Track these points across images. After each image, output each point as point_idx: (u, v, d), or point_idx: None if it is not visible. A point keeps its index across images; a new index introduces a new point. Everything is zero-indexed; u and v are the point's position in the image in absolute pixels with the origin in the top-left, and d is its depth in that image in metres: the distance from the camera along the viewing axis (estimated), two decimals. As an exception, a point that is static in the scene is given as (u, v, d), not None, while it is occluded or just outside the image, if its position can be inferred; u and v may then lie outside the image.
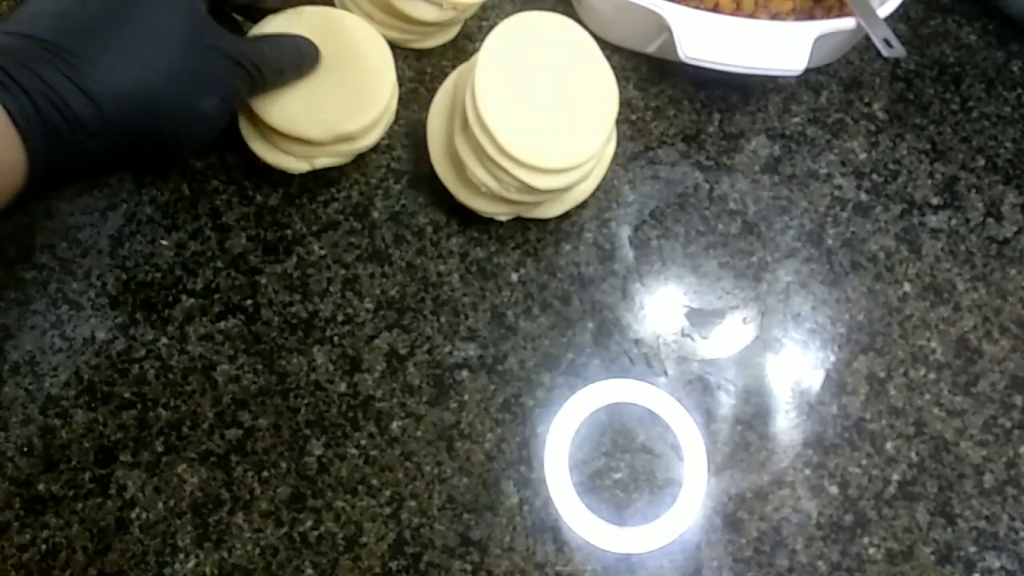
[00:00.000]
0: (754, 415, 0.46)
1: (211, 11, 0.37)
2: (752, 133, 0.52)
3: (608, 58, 0.44)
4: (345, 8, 0.49)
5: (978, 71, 0.55)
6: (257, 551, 0.42)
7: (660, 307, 0.48)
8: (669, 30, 0.46)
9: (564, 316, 0.47)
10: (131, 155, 0.35)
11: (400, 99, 0.47)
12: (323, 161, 0.45)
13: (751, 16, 0.51)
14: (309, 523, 0.42)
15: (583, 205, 0.48)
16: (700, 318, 0.48)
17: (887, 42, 0.46)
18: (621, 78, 0.52)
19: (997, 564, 0.44)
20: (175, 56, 0.34)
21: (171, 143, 0.37)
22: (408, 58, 0.52)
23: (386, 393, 0.45)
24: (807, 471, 0.45)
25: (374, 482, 0.43)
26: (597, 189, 0.47)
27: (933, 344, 0.48)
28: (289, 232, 0.47)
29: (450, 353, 0.46)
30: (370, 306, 0.46)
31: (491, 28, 0.42)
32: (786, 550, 0.43)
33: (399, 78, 0.46)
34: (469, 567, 0.42)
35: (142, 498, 0.43)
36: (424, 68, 0.52)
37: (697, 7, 0.48)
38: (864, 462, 0.45)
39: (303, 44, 0.42)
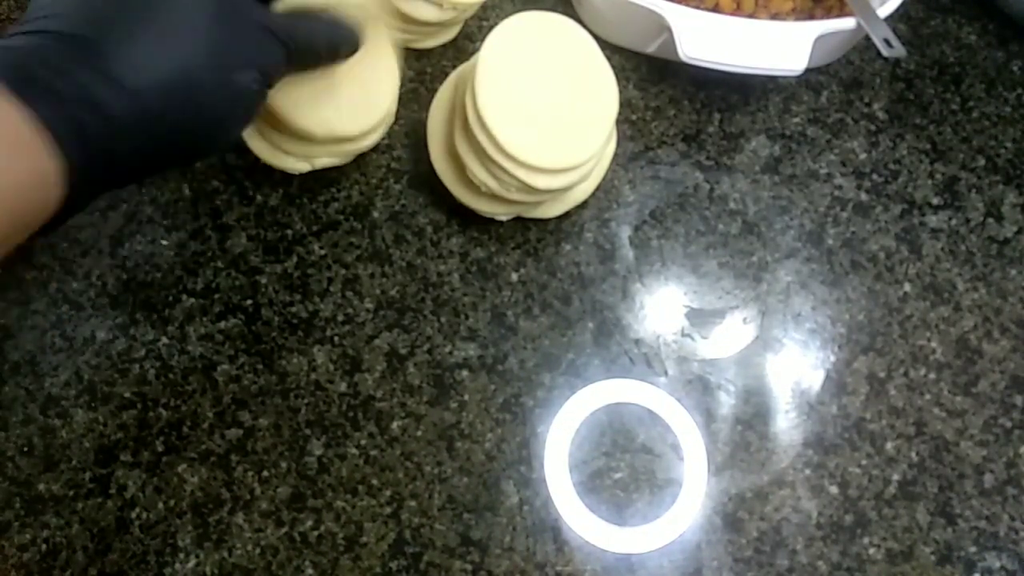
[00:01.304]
0: (754, 415, 0.46)
1: None
2: (752, 133, 0.52)
3: (608, 58, 0.43)
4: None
5: (978, 71, 0.55)
6: (257, 551, 0.42)
7: (660, 307, 0.48)
8: (669, 30, 0.46)
9: (564, 316, 0.47)
10: (171, 148, 0.32)
11: (400, 99, 0.47)
12: (323, 161, 0.45)
13: (751, 16, 0.50)
14: (309, 523, 0.42)
15: (583, 205, 0.48)
16: (700, 318, 0.48)
17: (887, 42, 0.46)
18: (621, 78, 0.52)
19: (997, 564, 0.44)
20: (207, 28, 0.31)
21: (211, 127, 0.33)
22: (408, 58, 0.51)
23: (386, 393, 0.45)
24: (807, 471, 0.45)
25: (374, 482, 0.43)
26: (597, 189, 0.47)
27: (933, 344, 0.48)
28: (289, 232, 0.47)
29: (450, 353, 0.46)
30: (370, 306, 0.46)
31: (491, 28, 0.42)
32: (786, 550, 0.43)
33: (399, 78, 0.46)
34: (469, 567, 0.42)
35: (142, 498, 0.43)
36: (424, 68, 0.52)
37: (697, 7, 0.48)
38: (864, 462, 0.45)
39: (340, 26, 0.39)
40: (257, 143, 0.45)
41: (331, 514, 0.43)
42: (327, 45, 0.38)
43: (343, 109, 0.43)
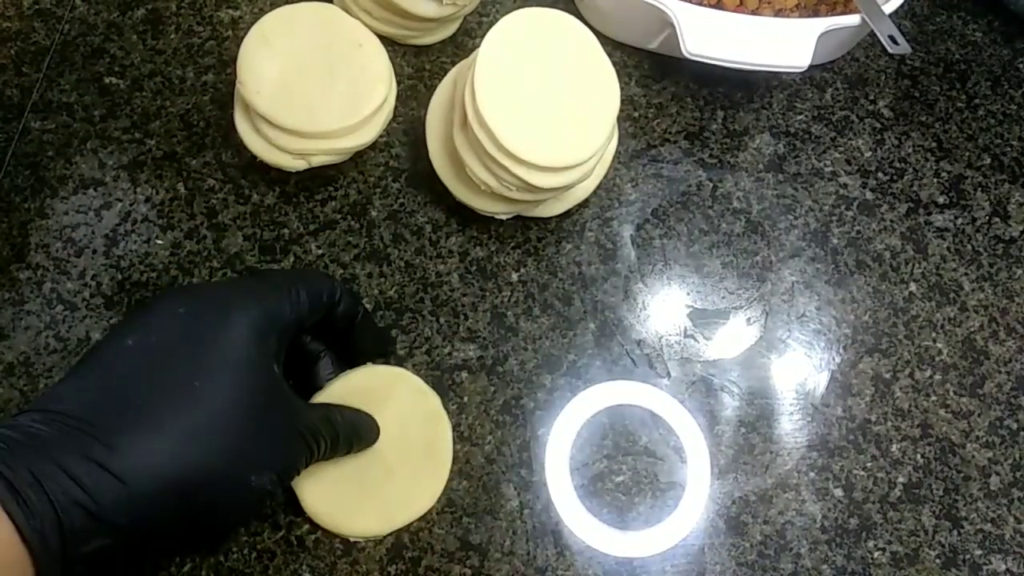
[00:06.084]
0: (758, 417, 0.45)
1: (289, 354, 0.35)
2: (756, 131, 0.51)
3: (610, 55, 0.43)
4: (344, 4, 0.48)
5: (984, 68, 0.54)
6: (253, 555, 0.41)
7: (663, 307, 0.47)
8: (672, 26, 0.45)
9: (565, 316, 0.46)
10: (166, 542, 0.32)
11: (399, 96, 0.47)
12: (321, 159, 0.45)
13: (755, 12, 0.50)
14: (306, 527, 0.42)
15: (584, 204, 0.47)
16: (703, 319, 0.47)
17: (892, 39, 0.46)
18: (623, 75, 0.51)
19: (1003, 567, 0.43)
20: (236, 432, 0.30)
21: (215, 524, 0.33)
22: (407, 54, 0.51)
23: (385, 395, 0.44)
24: (811, 474, 0.44)
25: (372, 485, 0.43)
26: (599, 187, 0.47)
27: (939, 345, 0.47)
28: (286, 231, 0.47)
29: (449, 354, 0.45)
30: (368, 306, 0.46)
31: (491, 24, 0.42)
32: (790, 554, 0.43)
33: (398, 75, 0.46)
34: (469, 571, 0.42)
35: (137, 501, 0.42)
36: (423, 64, 0.51)
37: (700, 3, 0.48)
38: (869, 464, 0.45)
39: (366, 422, 0.39)
40: (254, 141, 0.44)
41: (329, 518, 0.42)
42: (354, 440, 0.38)
43: (334, 105, 0.43)
